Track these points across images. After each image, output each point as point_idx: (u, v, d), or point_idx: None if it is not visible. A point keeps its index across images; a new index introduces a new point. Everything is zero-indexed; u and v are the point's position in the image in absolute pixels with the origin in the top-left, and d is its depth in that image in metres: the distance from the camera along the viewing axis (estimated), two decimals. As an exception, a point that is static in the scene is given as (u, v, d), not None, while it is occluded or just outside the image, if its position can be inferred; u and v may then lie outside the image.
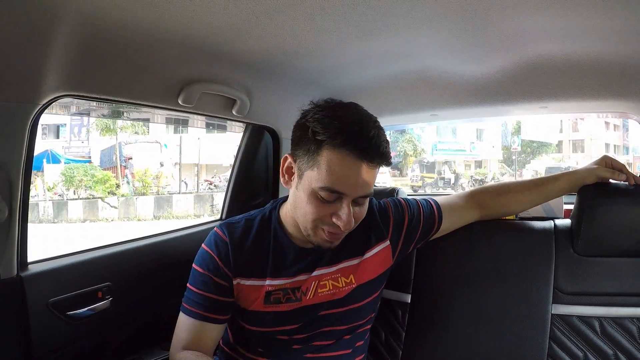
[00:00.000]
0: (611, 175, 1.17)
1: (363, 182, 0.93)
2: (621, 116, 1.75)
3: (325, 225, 0.96)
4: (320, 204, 0.94)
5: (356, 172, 0.91)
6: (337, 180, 0.91)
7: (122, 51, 1.05)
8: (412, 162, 23.46)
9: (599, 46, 1.18)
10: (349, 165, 0.91)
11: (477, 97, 1.59)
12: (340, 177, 0.91)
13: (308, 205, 0.95)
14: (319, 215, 0.95)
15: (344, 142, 0.90)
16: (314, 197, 0.94)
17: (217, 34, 1.07)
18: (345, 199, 0.93)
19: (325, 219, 0.95)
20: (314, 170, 0.93)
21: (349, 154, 0.90)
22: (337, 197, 0.93)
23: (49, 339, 1.08)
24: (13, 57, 0.85)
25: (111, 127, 15.71)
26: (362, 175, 0.92)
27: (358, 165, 0.91)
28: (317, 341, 1.07)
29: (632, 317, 1.11)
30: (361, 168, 0.91)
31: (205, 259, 1.05)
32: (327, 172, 0.91)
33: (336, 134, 0.90)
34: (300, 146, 0.96)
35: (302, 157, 0.96)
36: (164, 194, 14.77)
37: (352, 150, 0.90)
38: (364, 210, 1.00)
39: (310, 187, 0.94)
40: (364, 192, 0.94)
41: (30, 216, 1.06)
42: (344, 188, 0.92)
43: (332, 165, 0.91)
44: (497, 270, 1.24)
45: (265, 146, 1.72)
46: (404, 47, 1.22)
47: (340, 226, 0.94)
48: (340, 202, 0.94)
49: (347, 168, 0.91)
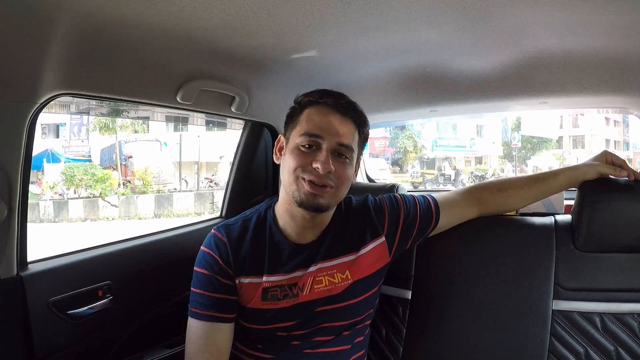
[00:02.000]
0: (612, 171, 1.17)
1: (337, 129, 1.03)
2: (621, 111, 1.75)
3: (306, 173, 1.01)
4: (301, 153, 1.02)
5: (330, 119, 1.03)
6: (314, 126, 1.02)
7: (120, 49, 1.04)
8: (412, 158, 23.42)
9: (599, 41, 1.18)
10: (324, 113, 1.03)
11: (477, 92, 1.58)
12: (316, 123, 1.03)
13: (290, 159, 1.03)
14: (300, 164, 1.01)
15: (320, 97, 1.05)
16: (296, 149, 1.03)
17: (215, 30, 1.07)
18: (323, 144, 1.01)
19: (306, 166, 1.01)
20: (296, 128, 1.05)
21: (325, 105, 1.04)
22: (315, 143, 1.02)
23: (50, 338, 1.08)
24: (10, 56, 0.85)
25: (111, 125, 15.66)
26: (336, 123, 1.03)
27: (332, 114, 1.03)
28: (315, 337, 1.07)
29: (633, 312, 1.11)
30: (335, 116, 1.03)
31: (207, 260, 1.05)
32: (306, 122, 1.04)
33: (315, 93, 1.06)
34: (288, 120, 1.09)
35: (289, 125, 1.08)
36: (165, 192, 14.76)
37: (327, 103, 1.04)
38: (345, 168, 1.05)
39: (294, 142, 1.04)
40: (340, 140, 1.02)
41: (30, 216, 1.06)
42: (320, 131, 1.02)
43: (310, 115, 1.04)
44: (497, 266, 1.24)
45: (264, 143, 1.72)
46: (404, 43, 1.22)
47: (319, 169, 0.99)
48: (319, 149, 1.02)
49: (322, 115, 1.03)
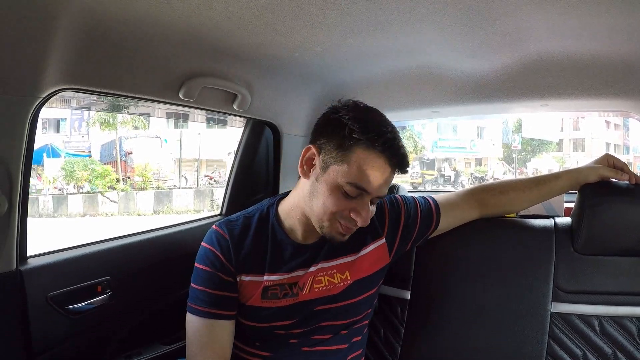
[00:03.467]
0: (614, 174, 1.17)
1: (386, 184, 0.99)
2: (622, 115, 1.75)
3: (343, 219, 0.99)
4: (343, 198, 0.97)
5: (384, 174, 0.97)
6: (366, 179, 0.96)
7: (123, 44, 1.04)
8: (413, 159, 23.40)
9: (601, 44, 1.18)
10: (379, 167, 0.96)
11: (479, 94, 1.58)
12: (369, 176, 0.96)
13: (330, 198, 0.98)
14: (339, 209, 0.98)
15: (380, 147, 0.95)
16: (337, 190, 0.97)
17: (219, 27, 1.06)
18: (366, 197, 0.98)
19: (344, 213, 0.99)
20: (343, 166, 0.96)
21: (382, 157, 0.96)
22: (359, 194, 0.97)
23: (48, 333, 1.08)
24: (13, 50, 0.84)
25: (111, 121, 15.65)
26: (387, 179, 0.99)
27: (386, 169, 0.98)
28: (314, 336, 1.07)
29: (632, 316, 1.11)
30: (387, 171, 0.98)
31: (208, 256, 1.05)
32: (358, 169, 0.95)
33: (375, 138, 0.95)
34: (330, 140, 0.99)
35: (331, 151, 0.98)
36: (164, 188, 14.76)
37: (386, 156, 0.96)
38: (374, 209, 1.04)
39: (336, 181, 0.97)
40: (383, 194, 1.01)
41: (29, 210, 1.06)
42: (370, 187, 0.96)
43: (364, 164, 0.95)
44: (497, 268, 1.24)
45: (266, 141, 1.72)
46: (406, 43, 1.22)
47: (359, 222, 0.99)
48: (361, 199, 0.98)
49: (377, 170, 0.96)
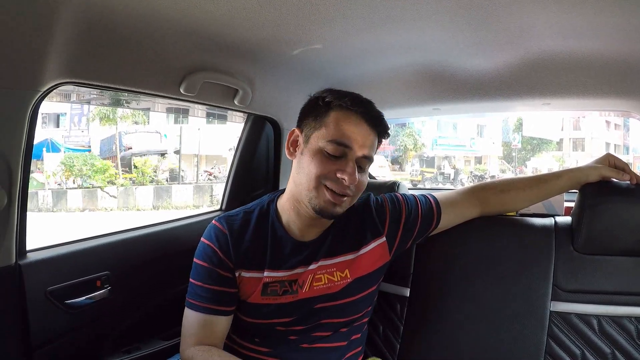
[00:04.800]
0: (615, 174, 1.16)
1: (365, 141, 1.00)
2: (623, 115, 1.75)
3: (329, 181, 0.99)
4: (326, 159, 0.99)
5: (361, 129, 0.99)
6: (344, 134, 0.98)
7: (124, 38, 1.04)
8: (412, 156, 23.44)
9: (603, 44, 1.18)
10: (356, 122, 0.99)
11: (480, 92, 1.58)
12: (347, 131, 0.98)
13: (313, 162, 0.99)
14: (323, 171, 0.98)
15: (351, 103, 1.00)
16: (320, 154, 0.99)
17: (220, 22, 1.06)
18: (349, 154, 0.99)
19: (330, 174, 0.98)
20: (321, 130, 1.00)
21: (355, 113, 1.00)
22: (342, 152, 0.98)
23: (47, 327, 1.08)
24: (14, 44, 0.84)
25: (111, 116, 15.63)
26: (365, 135, 1.00)
27: (362, 124, 1.00)
28: (313, 333, 1.07)
29: (631, 316, 1.11)
30: (364, 127, 1.00)
31: (207, 252, 1.05)
32: (335, 126, 0.99)
33: (344, 97, 1.01)
34: (308, 115, 1.04)
35: (310, 123, 1.02)
36: (164, 184, 14.76)
37: (358, 111, 1.00)
38: (364, 179, 1.04)
39: (317, 145, 0.99)
40: (366, 153, 1.00)
41: (29, 205, 1.06)
42: (349, 142, 0.98)
43: (341, 120, 0.99)
44: (496, 266, 1.24)
45: (266, 137, 1.72)
46: (408, 40, 1.21)
47: (345, 180, 0.97)
48: (345, 158, 0.99)
49: (354, 125, 0.99)
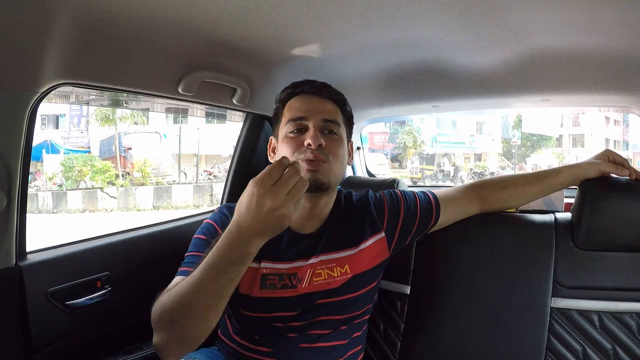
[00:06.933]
0: (614, 170, 1.16)
1: (320, 108, 1.08)
2: (623, 110, 1.74)
3: (301, 154, 1.04)
4: (292, 138, 1.07)
5: (311, 101, 1.09)
6: (296, 111, 1.08)
7: (122, 39, 1.04)
8: (412, 154, 23.42)
9: (602, 39, 1.17)
10: (302, 98, 1.10)
11: (479, 88, 1.58)
12: (298, 108, 1.09)
13: (283, 148, 1.07)
14: (293, 147, 1.05)
15: (295, 87, 1.11)
16: (286, 138, 1.08)
17: (218, 21, 1.06)
18: (309, 124, 1.06)
19: (299, 147, 1.05)
20: (282, 121, 1.11)
21: (302, 92, 1.11)
22: (301, 125, 1.07)
23: (47, 328, 1.08)
24: (12, 45, 0.84)
25: (110, 117, 15.61)
26: (317, 104, 1.09)
27: (311, 97, 1.10)
28: (312, 330, 1.07)
29: (632, 312, 1.11)
30: (314, 99, 1.10)
31: (208, 228, 1.07)
32: (288, 111, 1.10)
33: (289, 87, 1.12)
34: (275, 120, 1.15)
35: (276, 124, 1.14)
36: (163, 184, 14.76)
37: (303, 90, 1.11)
38: (336, 144, 1.08)
39: (282, 133, 1.09)
40: (324, 117, 1.08)
41: (29, 206, 1.06)
42: (303, 113, 1.07)
43: (291, 105, 1.10)
44: (497, 263, 1.24)
45: (265, 136, 1.72)
46: (407, 38, 1.21)
47: (311, 144, 1.03)
48: (307, 130, 1.06)
49: (297, 101, 1.10)
